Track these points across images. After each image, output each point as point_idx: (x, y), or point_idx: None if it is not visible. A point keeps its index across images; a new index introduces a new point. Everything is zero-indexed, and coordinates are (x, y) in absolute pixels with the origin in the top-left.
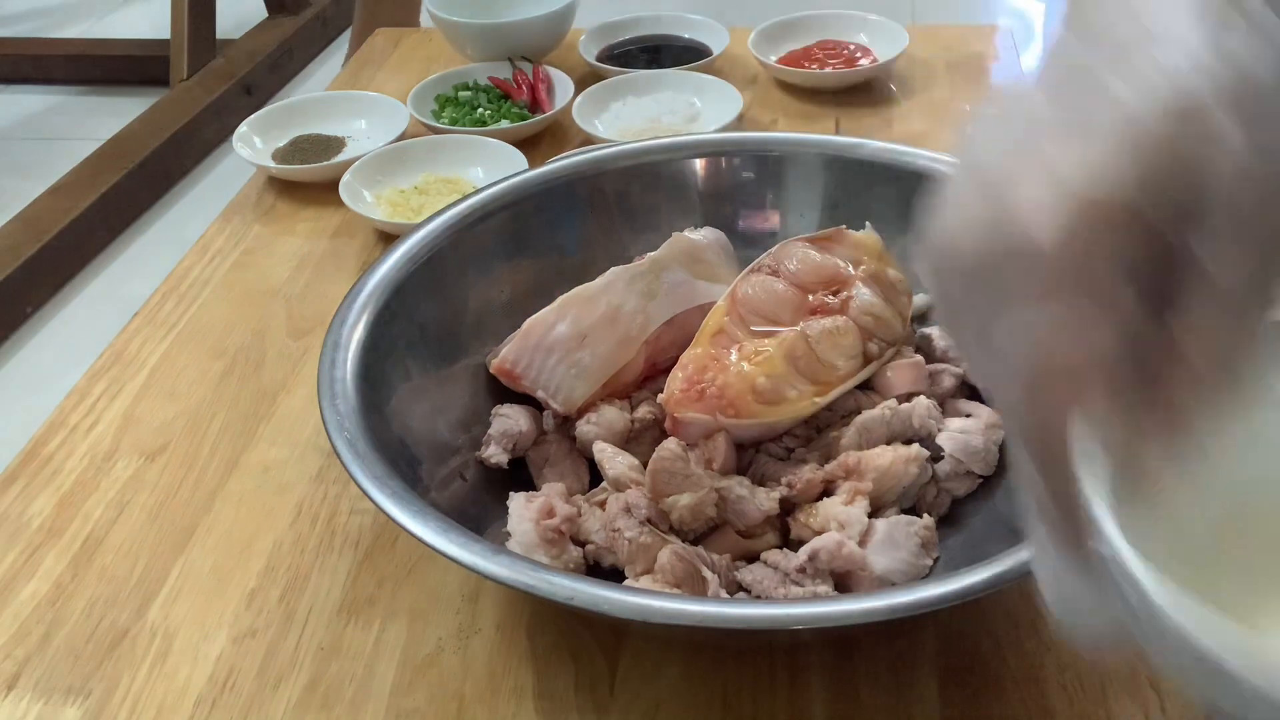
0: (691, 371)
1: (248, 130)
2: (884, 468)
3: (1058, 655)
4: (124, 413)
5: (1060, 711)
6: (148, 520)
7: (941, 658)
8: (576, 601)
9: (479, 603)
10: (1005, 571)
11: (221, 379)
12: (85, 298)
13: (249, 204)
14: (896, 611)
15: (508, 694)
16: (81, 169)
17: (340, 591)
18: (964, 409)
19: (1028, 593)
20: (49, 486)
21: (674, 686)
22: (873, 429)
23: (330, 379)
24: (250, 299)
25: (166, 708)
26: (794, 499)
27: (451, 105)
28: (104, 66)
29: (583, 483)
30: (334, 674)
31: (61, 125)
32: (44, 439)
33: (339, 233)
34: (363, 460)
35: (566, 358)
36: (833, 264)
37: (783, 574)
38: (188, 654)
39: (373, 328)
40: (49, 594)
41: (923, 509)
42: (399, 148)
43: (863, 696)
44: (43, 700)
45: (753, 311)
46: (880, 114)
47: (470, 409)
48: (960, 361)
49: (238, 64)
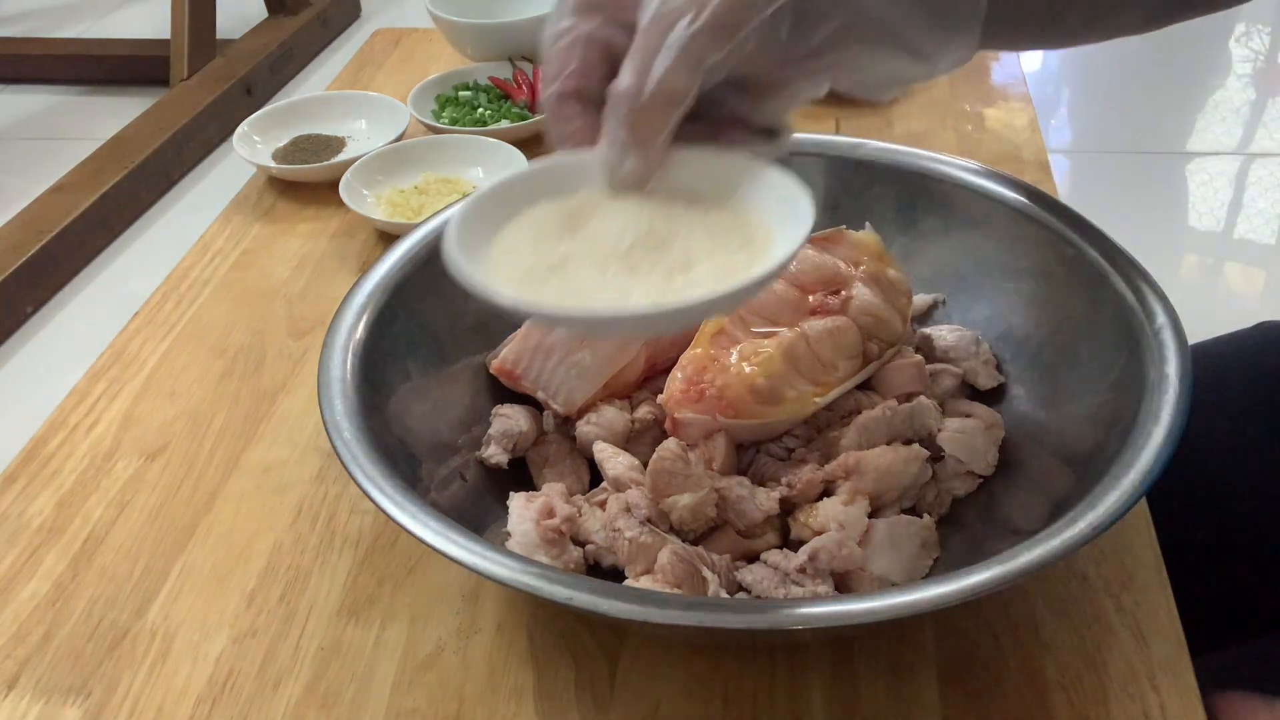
0: (691, 372)
1: (248, 130)
2: (884, 468)
3: (1058, 655)
4: (124, 413)
5: (1060, 711)
6: (148, 520)
7: (941, 658)
8: (576, 602)
9: (479, 603)
10: (1005, 571)
11: (221, 379)
12: (85, 298)
13: (249, 204)
14: (896, 611)
15: (508, 694)
16: (81, 169)
17: (340, 591)
18: (964, 409)
19: (1028, 593)
20: (49, 486)
21: (674, 686)
22: (873, 429)
23: (330, 379)
24: (250, 299)
25: (166, 708)
26: (794, 499)
27: (451, 105)
28: (104, 66)
29: (583, 483)
30: (334, 674)
31: (61, 125)
32: (44, 439)
33: (339, 233)
34: (363, 461)
35: (567, 358)
36: (832, 264)
37: (783, 574)
38: (188, 654)
39: (373, 328)
40: (49, 594)
41: (923, 509)
42: (399, 148)
43: (863, 696)
44: (43, 700)
45: (752, 312)
46: (880, 114)
47: (470, 409)
48: (960, 361)
49: (238, 64)
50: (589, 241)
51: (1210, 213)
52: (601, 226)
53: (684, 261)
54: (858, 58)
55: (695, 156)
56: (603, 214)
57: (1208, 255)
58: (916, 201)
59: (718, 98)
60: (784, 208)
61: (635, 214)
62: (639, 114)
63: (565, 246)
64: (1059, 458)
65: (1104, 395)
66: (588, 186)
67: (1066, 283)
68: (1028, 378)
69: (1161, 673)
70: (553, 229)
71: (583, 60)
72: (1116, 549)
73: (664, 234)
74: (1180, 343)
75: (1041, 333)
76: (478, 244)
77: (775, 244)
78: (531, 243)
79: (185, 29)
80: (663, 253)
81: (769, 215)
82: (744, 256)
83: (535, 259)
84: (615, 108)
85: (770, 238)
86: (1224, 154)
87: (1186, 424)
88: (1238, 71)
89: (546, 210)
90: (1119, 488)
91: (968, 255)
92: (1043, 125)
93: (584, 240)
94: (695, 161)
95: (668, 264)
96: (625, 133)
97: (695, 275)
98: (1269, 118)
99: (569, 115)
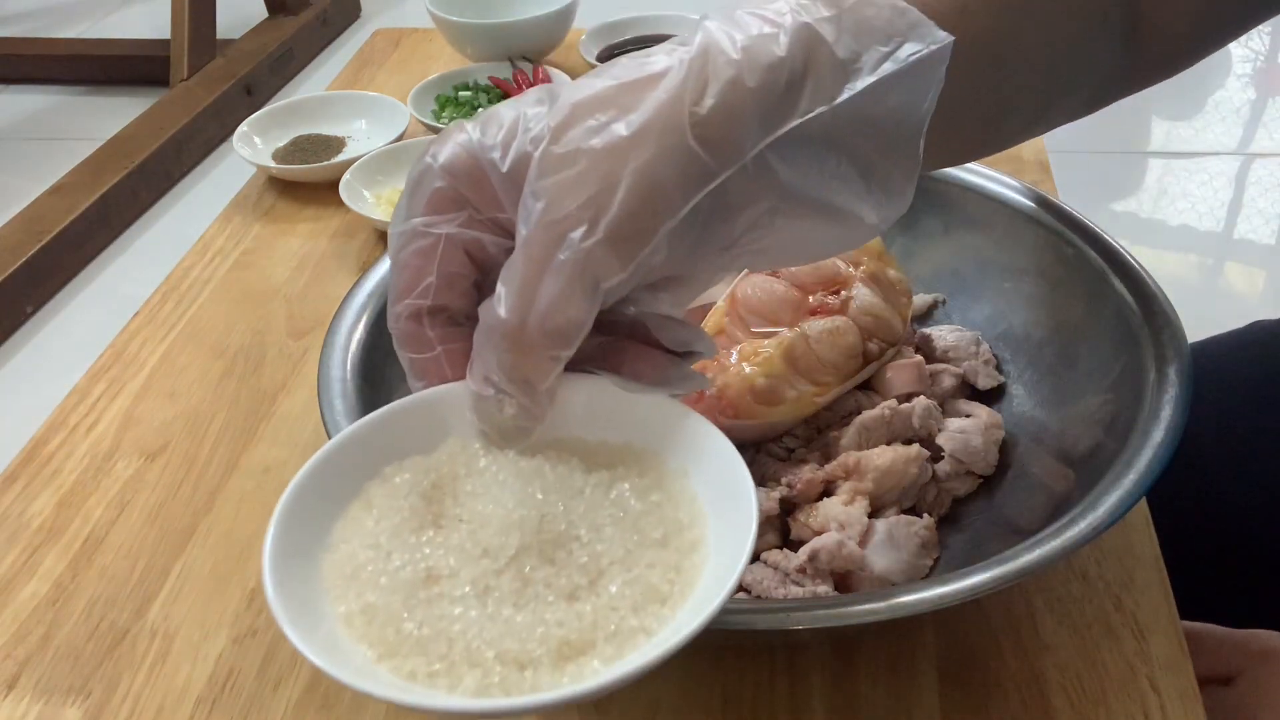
0: None
1: (248, 130)
2: (884, 468)
3: (1057, 655)
4: (124, 413)
5: (1060, 711)
6: (148, 520)
7: (941, 658)
8: None
9: None
10: (1005, 571)
11: (221, 379)
12: (85, 298)
13: (249, 204)
14: (896, 611)
15: None
16: (81, 169)
17: None
18: (964, 409)
19: (1028, 592)
20: (49, 486)
21: (674, 686)
22: (873, 429)
23: (330, 379)
24: (250, 299)
25: (166, 708)
26: (794, 499)
27: (451, 105)
28: (104, 66)
29: None
30: None
31: (61, 125)
32: (44, 439)
33: (339, 233)
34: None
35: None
36: (832, 264)
37: (783, 574)
38: (188, 654)
39: (373, 328)
40: (49, 594)
41: (923, 509)
42: (399, 148)
43: (863, 696)
44: (43, 700)
45: (752, 312)
46: None
47: None
48: (960, 361)
49: (238, 64)
50: (461, 544)
51: (1210, 213)
52: (476, 514)
53: (591, 572)
54: (783, 239)
55: (591, 388)
56: (474, 490)
57: (1207, 255)
58: (916, 201)
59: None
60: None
61: (518, 493)
62: (522, 352)
63: (430, 553)
64: (1059, 458)
65: (1104, 395)
66: (452, 435)
67: (1066, 283)
68: (1028, 378)
69: (1161, 673)
70: (410, 519)
71: (442, 270)
72: (1116, 549)
73: (560, 527)
74: (1180, 343)
75: (1041, 333)
76: (311, 546)
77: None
78: (382, 547)
79: (185, 29)
80: (561, 562)
81: (696, 483)
82: (669, 556)
83: (389, 581)
84: (490, 342)
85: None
86: (1224, 154)
87: (1186, 424)
88: (1238, 71)
89: (400, 480)
90: (1119, 488)
91: (968, 255)
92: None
93: (455, 540)
94: (591, 396)
95: (569, 578)
96: (503, 374)
97: (605, 596)
98: (1269, 118)
99: (424, 341)
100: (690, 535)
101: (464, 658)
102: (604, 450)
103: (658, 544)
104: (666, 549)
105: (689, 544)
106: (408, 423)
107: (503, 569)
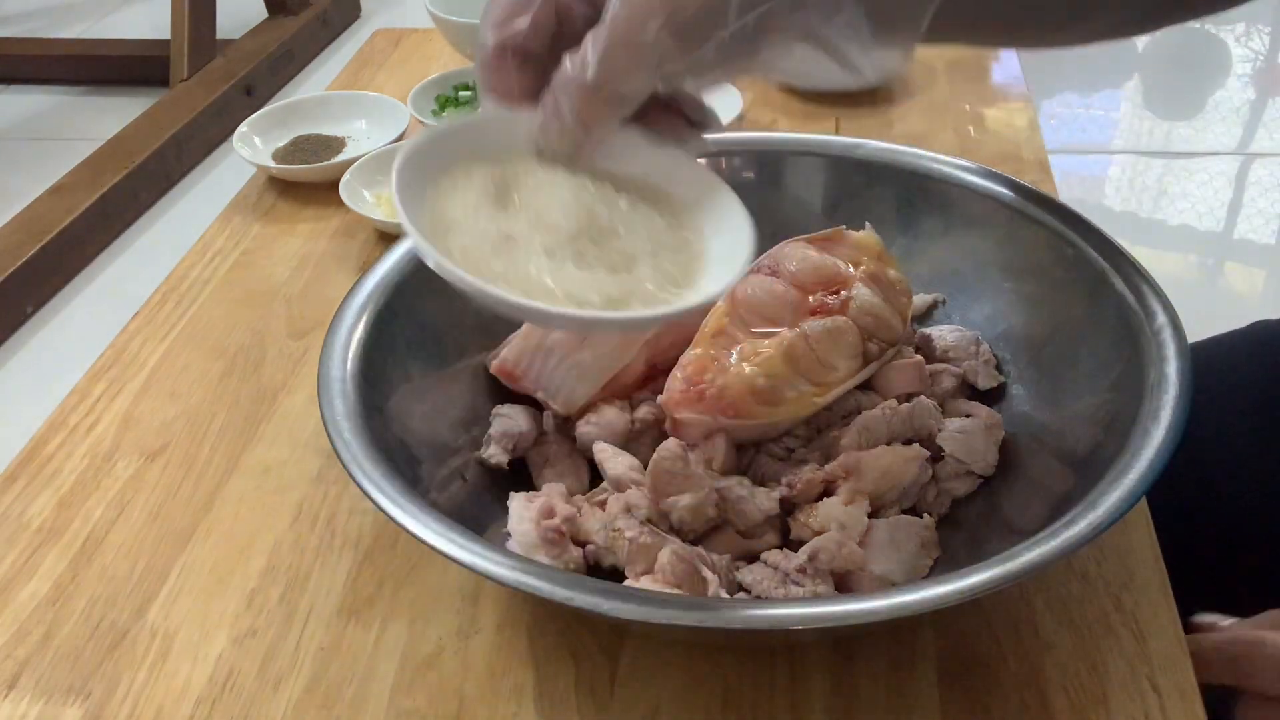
0: (691, 372)
1: (248, 130)
2: (884, 468)
3: (1058, 655)
4: (124, 413)
5: (1060, 711)
6: (148, 520)
7: (941, 658)
8: (576, 602)
9: (479, 603)
10: (1005, 571)
11: (221, 379)
12: (85, 298)
13: (249, 204)
14: (896, 611)
15: (508, 694)
16: (81, 169)
17: (340, 591)
18: (964, 409)
19: (1028, 592)
20: (49, 487)
21: (674, 686)
22: (873, 429)
23: (330, 379)
24: (250, 299)
25: (166, 708)
26: (794, 499)
27: (451, 105)
28: (104, 66)
29: (583, 483)
30: (334, 674)
31: (61, 125)
32: (44, 439)
33: (339, 233)
34: (363, 461)
35: (567, 358)
36: (832, 264)
37: (783, 574)
38: (188, 654)
39: (373, 328)
40: (49, 594)
41: (923, 509)
42: (399, 148)
43: (863, 696)
44: (43, 700)
45: (752, 312)
46: (880, 114)
47: (470, 409)
48: (960, 361)
49: (238, 64)
50: (531, 221)
51: (1210, 213)
52: (540, 204)
53: (626, 257)
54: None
55: (625, 136)
56: (536, 187)
57: (1207, 255)
58: (916, 201)
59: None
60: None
61: (573, 194)
62: (590, 105)
63: (505, 223)
64: (1059, 458)
65: (1104, 395)
66: (514, 150)
67: (1066, 283)
68: (1028, 378)
69: (1161, 673)
70: (486, 199)
71: (535, 18)
72: (1116, 549)
73: (605, 224)
74: (1180, 343)
75: (1041, 333)
76: (415, 204)
77: (710, 249)
78: (468, 212)
79: (185, 29)
80: (605, 246)
81: (698, 218)
82: (682, 258)
83: (477, 234)
84: (565, 87)
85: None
86: (1224, 154)
87: (1187, 424)
88: (1238, 71)
89: (476, 174)
90: (1119, 488)
91: (967, 255)
92: (1043, 125)
93: (525, 218)
94: (623, 144)
95: (611, 258)
96: (570, 114)
97: (638, 274)
98: (1269, 118)
99: (507, 69)
100: (697, 248)
101: (539, 290)
102: (631, 182)
103: (673, 249)
104: (680, 254)
105: (697, 254)
106: (481, 134)
107: (564, 242)
